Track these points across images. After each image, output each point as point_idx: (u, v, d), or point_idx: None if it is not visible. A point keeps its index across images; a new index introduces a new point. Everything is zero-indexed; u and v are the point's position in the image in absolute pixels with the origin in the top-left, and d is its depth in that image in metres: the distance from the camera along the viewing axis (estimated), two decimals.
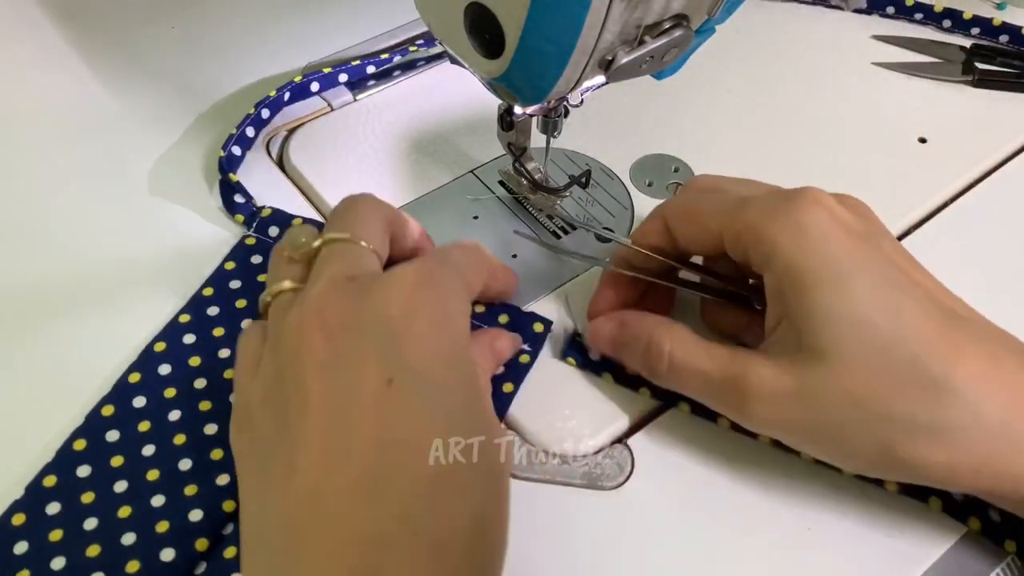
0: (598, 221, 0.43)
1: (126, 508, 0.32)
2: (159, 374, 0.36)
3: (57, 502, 0.32)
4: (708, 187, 0.35)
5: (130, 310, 0.39)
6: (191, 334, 0.37)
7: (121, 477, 0.33)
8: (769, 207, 0.31)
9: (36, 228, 0.43)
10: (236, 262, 0.40)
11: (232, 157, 0.44)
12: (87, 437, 0.34)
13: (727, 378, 0.31)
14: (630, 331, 0.34)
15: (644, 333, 0.33)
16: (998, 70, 0.51)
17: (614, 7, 0.28)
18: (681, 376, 0.32)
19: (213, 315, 0.38)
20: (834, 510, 0.33)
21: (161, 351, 0.37)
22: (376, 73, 0.50)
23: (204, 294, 0.39)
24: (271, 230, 0.41)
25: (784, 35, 0.55)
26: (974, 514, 0.32)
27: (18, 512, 0.32)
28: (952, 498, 0.32)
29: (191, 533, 0.31)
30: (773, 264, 0.30)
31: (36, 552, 0.31)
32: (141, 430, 0.34)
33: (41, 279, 0.40)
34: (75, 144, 0.47)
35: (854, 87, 0.51)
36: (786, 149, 0.47)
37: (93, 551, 0.31)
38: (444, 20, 0.33)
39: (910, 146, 0.48)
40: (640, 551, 0.32)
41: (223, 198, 0.43)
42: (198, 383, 0.36)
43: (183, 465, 0.33)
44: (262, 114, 0.46)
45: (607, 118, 0.48)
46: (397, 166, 0.46)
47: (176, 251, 0.41)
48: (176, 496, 0.32)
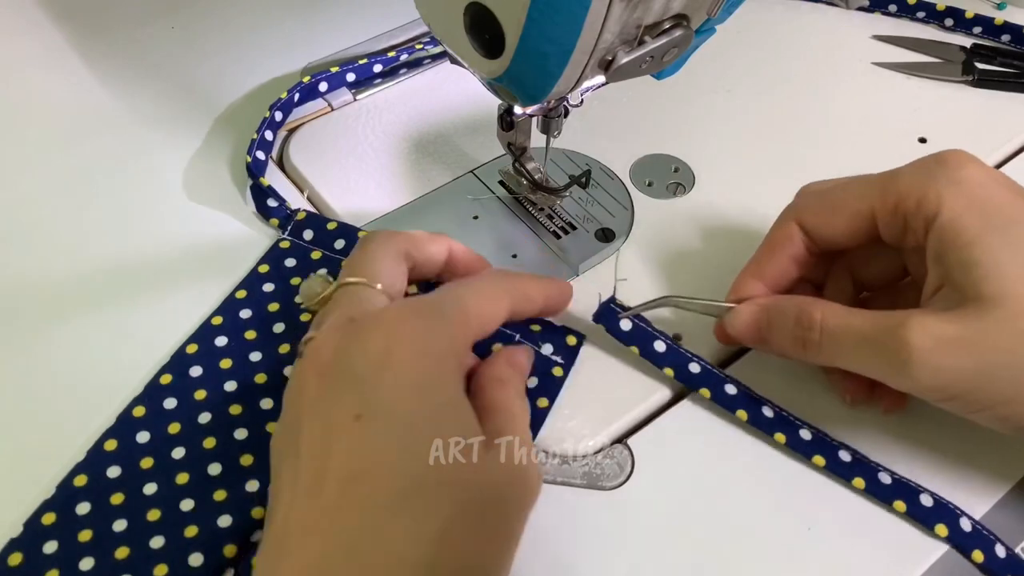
0: (598, 221, 0.43)
1: (155, 511, 0.32)
2: (190, 376, 0.36)
3: (87, 502, 0.32)
4: (821, 187, 0.35)
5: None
6: (223, 336, 0.37)
7: (150, 479, 0.33)
8: (924, 172, 0.31)
9: (45, 229, 0.43)
10: (270, 265, 0.40)
11: (257, 161, 0.44)
12: (118, 438, 0.34)
13: (887, 330, 0.30)
14: (776, 308, 0.34)
15: (792, 307, 0.33)
16: (998, 70, 0.51)
17: (614, 7, 0.28)
18: (836, 340, 0.31)
19: (246, 318, 0.38)
20: (834, 510, 0.33)
21: (193, 353, 0.37)
22: (383, 72, 0.50)
23: (237, 297, 0.39)
24: (305, 234, 0.41)
25: (784, 35, 0.55)
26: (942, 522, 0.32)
27: (48, 511, 0.32)
28: (919, 504, 0.33)
29: (220, 538, 0.31)
30: (938, 223, 0.30)
31: (65, 552, 0.31)
32: (171, 432, 0.34)
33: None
34: (76, 144, 0.47)
35: (854, 87, 0.51)
36: (786, 149, 0.47)
37: (122, 553, 0.31)
38: (444, 20, 0.33)
39: (910, 146, 0.48)
40: (640, 551, 0.32)
41: (256, 202, 0.43)
42: (228, 386, 0.36)
43: (213, 470, 0.33)
44: (276, 117, 0.46)
45: (607, 118, 0.48)
46: (397, 166, 0.46)
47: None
48: (206, 501, 0.32)
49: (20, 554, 0.31)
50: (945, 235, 0.30)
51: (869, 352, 0.31)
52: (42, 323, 0.39)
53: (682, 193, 0.45)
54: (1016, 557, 0.32)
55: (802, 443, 0.34)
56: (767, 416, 0.35)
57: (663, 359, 0.36)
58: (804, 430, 0.34)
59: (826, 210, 0.34)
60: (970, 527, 0.32)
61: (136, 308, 0.39)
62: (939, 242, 0.30)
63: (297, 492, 0.28)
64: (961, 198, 0.30)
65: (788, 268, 0.35)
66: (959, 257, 0.29)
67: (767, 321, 0.34)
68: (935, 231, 0.30)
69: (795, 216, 0.35)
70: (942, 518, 0.32)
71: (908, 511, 0.32)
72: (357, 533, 0.26)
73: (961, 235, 0.30)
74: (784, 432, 0.34)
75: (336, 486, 0.27)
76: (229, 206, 0.44)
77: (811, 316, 0.32)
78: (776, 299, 0.34)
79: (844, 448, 0.34)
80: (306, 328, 0.36)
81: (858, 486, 0.33)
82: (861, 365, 0.31)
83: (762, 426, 0.35)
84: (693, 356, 0.36)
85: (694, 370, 0.35)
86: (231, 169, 0.46)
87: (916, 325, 0.29)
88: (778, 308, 0.34)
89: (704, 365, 0.36)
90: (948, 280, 0.30)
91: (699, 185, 0.45)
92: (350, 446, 0.27)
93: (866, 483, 0.33)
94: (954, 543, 0.32)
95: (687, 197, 0.45)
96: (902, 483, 0.33)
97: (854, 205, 0.33)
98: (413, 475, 0.27)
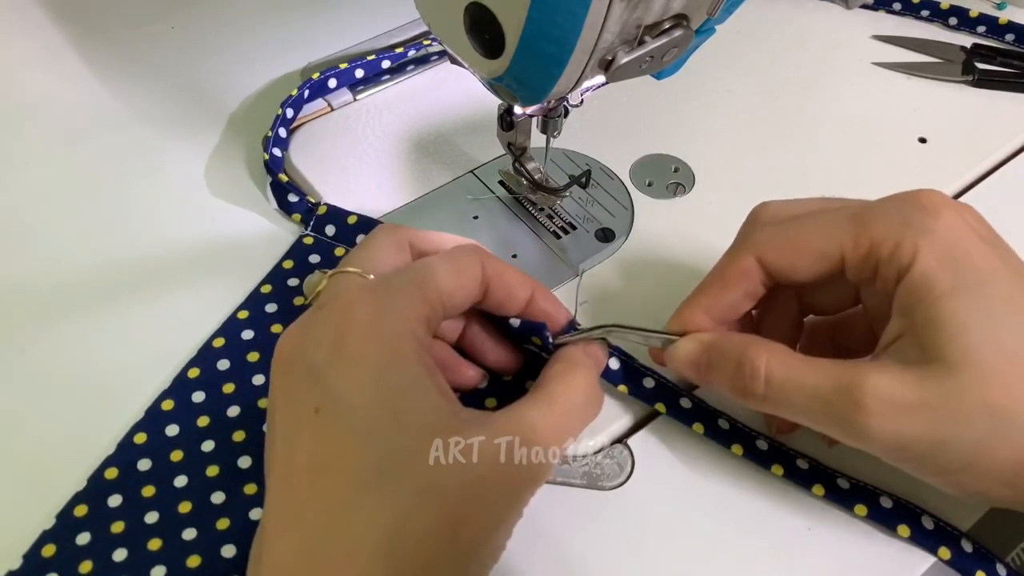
0: (598, 221, 0.43)
1: (186, 503, 0.33)
2: (217, 369, 0.36)
3: (119, 494, 0.33)
4: (780, 215, 0.33)
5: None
6: (249, 330, 0.38)
7: (182, 472, 0.33)
8: (900, 217, 0.29)
9: (49, 228, 0.43)
10: (294, 260, 0.41)
11: (275, 158, 0.44)
12: (147, 431, 0.34)
13: (838, 390, 0.28)
14: (716, 349, 0.31)
15: (735, 351, 0.31)
16: (998, 70, 0.51)
17: (614, 7, 0.28)
18: (782, 395, 0.29)
19: (271, 312, 0.39)
20: (834, 510, 0.33)
21: (220, 346, 0.37)
22: (391, 68, 0.50)
23: (262, 291, 0.39)
24: (328, 229, 0.42)
25: (784, 35, 0.55)
26: (944, 544, 0.32)
27: (80, 503, 0.32)
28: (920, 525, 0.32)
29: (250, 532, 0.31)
30: (910, 276, 0.28)
31: (98, 544, 0.31)
32: (200, 425, 0.35)
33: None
34: (75, 144, 0.47)
35: (854, 87, 0.51)
36: (786, 149, 0.47)
37: (154, 544, 0.31)
38: (444, 20, 0.33)
39: (910, 146, 0.47)
40: (640, 551, 0.32)
41: (277, 199, 0.43)
42: (256, 379, 0.36)
43: (243, 463, 0.34)
44: (287, 113, 0.46)
45: (607, 118, 0.48)
46: (397, 166, 0.46)
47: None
48: (236, 494, 0.33)
49: (53, 546, 0.31)
50: (914, 289, 0.28)
51: (819, 410, 0.29)
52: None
53: (682, 193, 0.45)
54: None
55: (800, 474, 0.33)
56: (761, 449, 0.34)
57: (651, 395, 0.35)
58: (800, 460, 0.34)
59: (790, 249, 0.31)
60: (972, 548, 0.32)
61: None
62: (908, 295, 0.28)
63: (273, 484, 0.28)
64: (936, 250, 0.28)
65: (740, 303, 0.33)
66: (926, 314, 0.28)
67: (707, 362, 0.32)
68: (906, 283, 0.28)
69: (754, 251, 0.32)
70: (943, 541, 0.32)
71: (912, 536, 0.32)
72: (323, 526, 0.26)
73: (932, 290, 0.28)
74: (781, 464, 0.34)
75: (303, 478, 0.27)
76: (245, 204, 0.44)
77: (754, 364, 0.30)
78: (718, 339, 0.32)
79: (841, 476, 0.33)
80: None
81: (860, 513, 0.32)
82: (809, 421, 0.29)
83: (757, 459, 0.34)
84: (683, 391, 0.35)
85: (685, 405, 0.35)
86: (237, 167, 0.46)
87: (871, 387, 0.27)
88: (719, 349, 0.31)
89: (695, 400, 0.35)
90: (911, 333, 0.28)
91: (699, 185, 0.45)
92: (312, 439, 0.28)
93: (868, 509, 0.32)
94: (957, 567, 0.31)
95: (687, 197, 0.45)
96: (904, 506, 0.33)
97: (822, 246, 0.30)
98: (372, 466, 0.27)
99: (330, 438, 0.28)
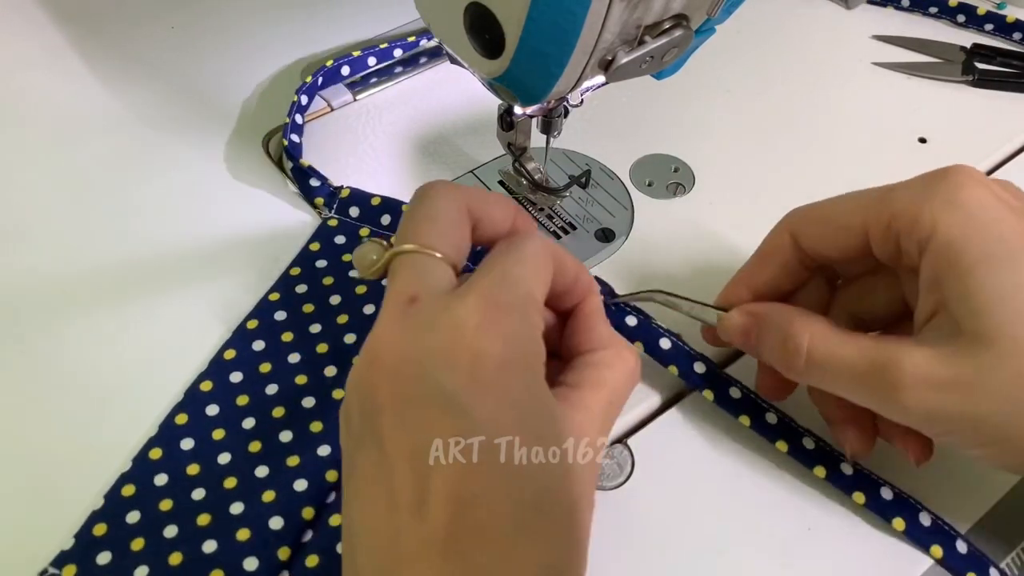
0: (598, 221, 0.43)
1: (231, 479, 0.33)
2: (253, 350, 0.37)
3: (165, 473, 0.33)
4: (823, 202, 0.33)
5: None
6: (282, 311, 0.38)
7: (224, 450, 0.34)
8: (923, 189, 0.29)
9: (51, 228, 0.43)
10: (320, 243, 0.41)
11: (293, 144, 0.45)
12: (187, 411, 0.35)
13: (876, 365, 0.28)
14: (766, 322, 0.32)
15: (781, 323, 0.32)
16: (998, 70, 0.51)
17: (614, 7, 0.28)
18: (822, 370, 0.30)
19: (301, 292, 0.39)
20: (834, 510, 0.33)
21: (253, 328, 0.38)
22: (403, 58, 0.50)
23: (291, 273, 0.40)
24: (352, 211, 0.42)
25: (784, 35, 0.55)
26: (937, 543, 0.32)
27: (127, 483, 0.33)
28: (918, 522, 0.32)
29: (271, 542, 0.32)
30: (932, 247, 0.28)
31: (149, 520, 0.32)
32: (239, 404, 0.35)
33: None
34: (75, 144, 0.47)
35: (854, 87, 0.51)
36: (786, 149, 0.47)
37: (175, 559, 0.31)
38: (444, 20, 0.33)
39: (910, 146, 0.48)
40: (640, 551, 0.32)
41: (299, 184, 0.44)
42: (292, 358, 0.37)
43: (284, 437, 0.34)
44: (302, 100, 0.46)
45: (607, 118, 0.48)
46: (397, 166, 0.46)
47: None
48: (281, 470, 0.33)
49: (104, 525, 0.32)
50: (941, 260, 0.28)
51: (857, 386, 0.30)
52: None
53: (682, 193, 0.45)
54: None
55: (804, 453, 0.34)
56: (770, 423, 0.34)
57: (667, 357, 0.35)
58: (807, 439, 0.34)
59: (818, 221, 0.32)
60: (966, 549, 0.32)
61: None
62: (935, 267, 0.28)
63: (397, 507, 0.26)
64: (959, 220, 0.28)
65: (778, 278, 0.34)
66: (956, 285, 0.28)
67: (757, 333, 0.33)
68: (930, 254, 0.28)
69: (788, 227, 0.33)
70: (938, 539, 0.32)
71: (906, 530, 0.32)
72: (482, 561, 0.25)
73: (960, 261, 0.28)
74: (786, 440, 0.34)
75: (445, 509, 0.25)
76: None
77: (798, 342, 0.31)
78: (767, 309, 0.33)
79: (846, 461, 0.34)
80: (363, 300, 0.38)
81: (858, 501, 0.33)
82: (848, 395, 0.30)
83: (765, 433, 0.34)
84: (698, 355, 0.36)
85: (699, 370, 0.35)
86: (239, 165, 0.46)
87: (907, 363, 0.28)
88: (768, 322, 0.32)
89: (710, 366, 0.35)
90: (943, 308, 0.28)
91: (699, 185, 0.45)
92: (454, 469, 0.25)
93: (866, 499, 0.33)
94: (948, 566, 0.32)
95: (687, 197, 0.45)
96: (903, 500, 0.33)
97: (846, 218, 0.31)
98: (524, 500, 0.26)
99: (477, 470, 0.25)
